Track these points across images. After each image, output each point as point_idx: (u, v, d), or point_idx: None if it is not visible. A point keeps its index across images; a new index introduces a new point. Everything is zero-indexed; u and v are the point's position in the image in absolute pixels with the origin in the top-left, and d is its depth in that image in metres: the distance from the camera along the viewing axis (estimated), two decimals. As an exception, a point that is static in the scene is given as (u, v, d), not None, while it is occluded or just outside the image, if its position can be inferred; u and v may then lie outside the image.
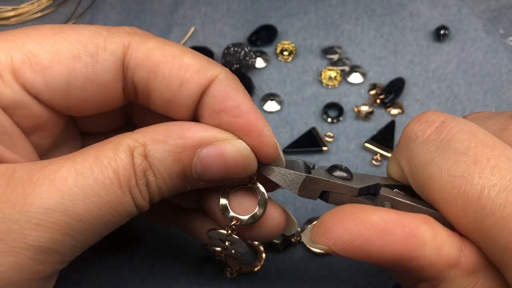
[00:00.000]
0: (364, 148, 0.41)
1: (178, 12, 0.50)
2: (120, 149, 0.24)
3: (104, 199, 0.23)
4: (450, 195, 0.23)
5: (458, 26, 0.48)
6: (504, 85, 0.45)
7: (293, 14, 0.49)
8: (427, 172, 0.24)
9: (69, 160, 0.23)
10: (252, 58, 0.45)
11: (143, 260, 0.36)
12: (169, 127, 0.25)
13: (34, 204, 0.21)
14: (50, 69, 0.24)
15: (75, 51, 0.24)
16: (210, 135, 0.25)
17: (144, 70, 0.25)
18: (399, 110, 0.43)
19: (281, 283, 0.35)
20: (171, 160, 0.24)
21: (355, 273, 0.35)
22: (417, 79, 0.45)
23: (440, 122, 0.25)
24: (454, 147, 0.24)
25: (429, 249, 0.22)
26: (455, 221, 0.23)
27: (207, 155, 0.25)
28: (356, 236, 0.23)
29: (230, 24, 0.49)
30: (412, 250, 0.22)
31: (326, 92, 0.45)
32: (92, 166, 0.23)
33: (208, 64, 0.25)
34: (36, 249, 0.22)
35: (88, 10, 0.50)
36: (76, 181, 0.22)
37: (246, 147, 0.25)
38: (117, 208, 0.23)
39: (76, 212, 0.22)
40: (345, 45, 0.47)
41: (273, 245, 0.36)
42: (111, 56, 0.25)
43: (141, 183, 0.24)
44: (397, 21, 0.49)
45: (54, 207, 0.22)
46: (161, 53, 0.25)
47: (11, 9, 0.50)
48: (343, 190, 0.26)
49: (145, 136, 0.24)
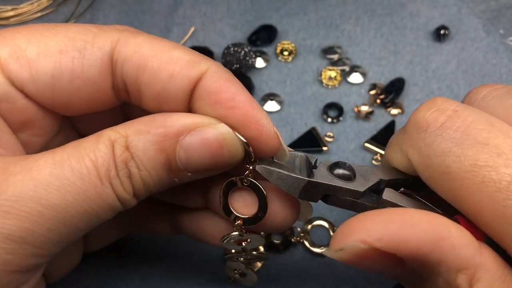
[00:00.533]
0: (364, 148, 0.41)
1: (178, 12, 0.50)
2: (100, 141, 0.23)
3: (81, 189, 0.22)
4: (473, 184, 0.22)
5: (458, 26, 0.48)
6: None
7: (293, 14, 0.49)
8: (444, 162, 0.23)
9: (49, 152, 0.23)
10: (252, 58, 0.45)
11: (143, 260, 0.35)
12: (151, 118, 0.24)
13: (5, 192, 0.21)
14: (36, 63, 0.24)
15: (63, 45, 0.24)
16: (191, 121, 0.24)
17: (132, 65, 0.25)
18: (399, 110, 0.43)
19: (281, 283, 0.35)
20: (154, 150, 0.24)
21: (355, 273, 0.35)
22: (417, 79, 0.45)
23: (453, 110, 0.24)
24: (473, 137, 0.23)
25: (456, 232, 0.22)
26: (476, 211, 0.23)
27: (190, 142, 0.24)
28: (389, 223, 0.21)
29: (230, 24, 0.49)
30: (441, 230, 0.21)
31: (326, 92, 0.45)
32: (69, 156, 0.23)
33: (198, 58, 0.25)
34: (4, 237, 0.21)
35: (88, 10, 0.50)
36: (52, 171, 0.22)
37: (229, 130, 0.24)
38: (96, 200, 0.23)
39: (50, 201, 0.22)
40: (345, 45, 0.47)
41: (273, 245, 0.36)
42: (98, 51, 0.25)
43: (123, 174, 0.23)
44: (397, 21, 0.49)
45: (25, 195, 0.21)
46: (149, 48, 0.25)
47: (11, 9, 0.50)
48: (346, 194, 0.26)
49: (128, 127, 0.24)
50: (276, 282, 0.35)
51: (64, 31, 0.25)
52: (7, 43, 0.24)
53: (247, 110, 0.24)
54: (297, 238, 0.36)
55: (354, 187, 0.25)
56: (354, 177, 0.26)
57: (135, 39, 0.25)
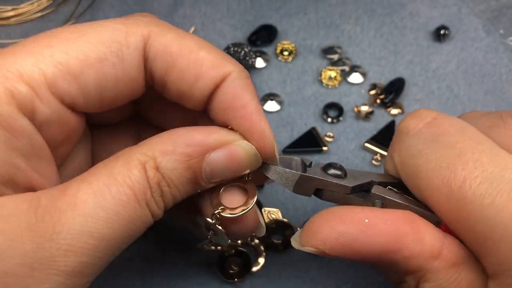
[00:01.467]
0: (364, 148, 0.41)
1: (178, 12, 0.50)
2: (132, 165, 0.24)
3: (124, 216, 0.23)
4: (435, 185, 0.24)
5: (458, 26, 0.48)
6: (504, 85, 0.45)
7: (293, 14, 0.49)
8: (416, 163, 0.25)
9: (83, 182, 0.23)
10: (252, 58, 0.45)
11: (143, 260, 0.36)
12: (173, 137, 0.25)
13: (62, 231, 0.22)
14: (82, 76, 0.24)
15: (101, 53, 0.25)
16: (216, 139, 0.26)
17: (162, 62, 0.26)
18: (399, 110, 0.43)
19: (281, 283, 0.35)
20: (182, 169, 0.25)
21: (355, 273, 0.35)
22: (417, 79, 0.45)
23: (432, 118, 0.27)
24: (443, 140, 0.25)
25: (411, 240, 0.24)
26: (439, 210, 0.25)
27: (215, 159, 0.25)
28: (342, 234, 0.24)
29: (230, 24, 0.49)
30: (395, 243, 0.24)
31: (326, 92, 0.45)
32: (107, 185, 0.23)
33: (222, 60, 0.27)
34: (67, 274, 0.22)
35: (88, 10, 0.50)
36: (95, 203, 0.23)
37: (251, 146, 0.26)
38: (136, 222, 0.24)
39: (100, 233, 0.23)
40: (345, 45, 0.47)
41: (273, 245, 0.36)
42: (134, 51, 0.26)
43: (157, 195, 0.24)
44: (397, 21, 0.49)
45: (79, 232, 0.22)
46: (178, 46, 0.26)
47: (11, 9, 0.50)
48: (336, 188, 0.27)
49: (153, 149, 0.25)
50: (276, 282, 0.35)
51: (96, 35, 0.25)
52: (47, 61, 0.24)
53: (255, 122, 0.26)
54: (297, 238, 0.36)
55: (344, 183, 0.27)
56: (345, 176, 0.28)
57: (164, 37, 0.26)
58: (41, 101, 0.24)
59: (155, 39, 0.26)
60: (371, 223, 0.24)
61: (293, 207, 0.38)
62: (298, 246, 0.26)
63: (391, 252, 0.24)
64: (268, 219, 0.37)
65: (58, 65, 0.24)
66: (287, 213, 0.38)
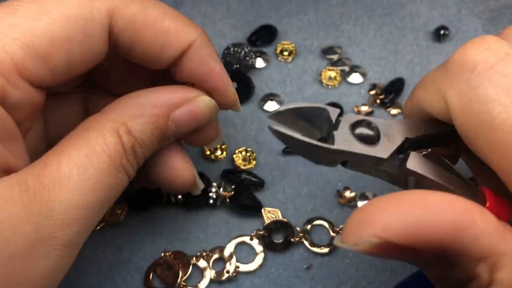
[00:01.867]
0: (364, 148, 0.41)
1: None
2: (107, 133, 0.25)
3: (107, 183, 0.25)
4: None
5: (458, 26, 0.48)
6: (504, 85, 0.45)
7: (293, 14, 0.49)
8: (488, 110, 0.21)
9: (62, 155, 0.24)
10: (252, 58, 0.45)
11: (143, 260, 0.36)
12: (139, 100, 0.27)
13: (55, 207, 0.23)
14: (50, 57, 0.25)
15: (67, 32, 0.25)
16: (179, 96, 0.28)
17: (128, 34, 0.27)
18: (399, 110, 0.43)
19: (281, 283, 0.35)
20: (151, 129, 0.27)
21: (355, 273, 0.35)
22: (417, 79, 0.45)
23: (506, 53, 0.22)
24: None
25: (479, 215, 0.20)
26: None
27: (180, 116, 0.28)
28: (405, 215, 0.20)
29: (230, 24, 0.49)
30: (463, 219, 0.20)
31: (326, 92, 0.45)
32: (88, 156, 0.24)
33: (187, 27, 0.28)
34: (64, 246, 0.23)
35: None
36: (79, 175, 0.24)
37: (211, 100, 0.29)
38: (117, 187, 0.26)
39: (88, 202, 0.24)
40: (345, 45, 0.47)
41: (273, 245, 0.36)
42: (99, 27, 0.26)
43: (131, 158, 0.26)
44: (397, 21, 0.49)
45: (70, 205, 0.23)
46: (143, 18, 0.27)
47: None
48: (367, 162, 0.24)
49: (122, 114, 0.26)
50: (276, 282, 0.35)
51: (59, 11, 0.25)
52: (13, 40, 0.24)
53: (220, 84, 0.29)
54: (297, 238, 0.36)
55: (376, 154, 0.23)
56: (378, 139, 0.24)
57: (128, 8, 0.27)
58: (11, 85, 0.24)
59: (119, 12, 0.26)
60: (433, 201, 0.20)
61: (293, 207, 0.38)
62: (348, 243, 0.20)
63: (461, 229, 0.20)
64: (268, 219, 0.37)
65: (26, 48, 0.24)
66: (287, 213, 0.38)
